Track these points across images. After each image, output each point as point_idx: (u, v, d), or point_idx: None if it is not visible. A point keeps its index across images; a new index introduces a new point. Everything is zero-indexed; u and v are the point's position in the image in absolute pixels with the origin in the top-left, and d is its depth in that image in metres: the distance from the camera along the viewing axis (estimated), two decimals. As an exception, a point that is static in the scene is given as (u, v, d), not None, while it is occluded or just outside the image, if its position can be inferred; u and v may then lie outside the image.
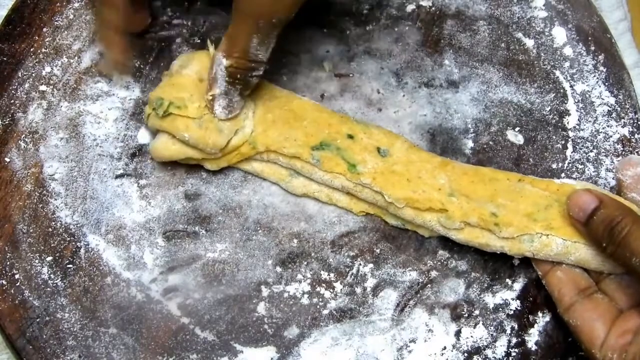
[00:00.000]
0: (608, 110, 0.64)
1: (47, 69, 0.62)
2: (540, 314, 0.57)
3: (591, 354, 0.52)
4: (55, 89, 0.61)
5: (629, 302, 0.53)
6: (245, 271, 0.57)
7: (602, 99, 0.65)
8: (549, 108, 0.64)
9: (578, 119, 0.64)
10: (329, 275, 0.57)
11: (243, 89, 0.56)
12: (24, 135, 0.60)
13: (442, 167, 0.57)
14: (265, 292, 0.56)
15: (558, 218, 0.54)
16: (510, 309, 0.57)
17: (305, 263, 0.57)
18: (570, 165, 0.62)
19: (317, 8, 0.64)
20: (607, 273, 0.54)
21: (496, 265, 0.58)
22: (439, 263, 0.58)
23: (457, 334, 0.56)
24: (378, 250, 0.58)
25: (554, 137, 0.63)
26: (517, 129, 0.63)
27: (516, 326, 0.57)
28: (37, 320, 0.54)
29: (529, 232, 0.54)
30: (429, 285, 0.57)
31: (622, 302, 0.54)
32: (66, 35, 0.64)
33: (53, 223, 0.57)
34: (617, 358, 0.50)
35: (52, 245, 0.56)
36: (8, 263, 0.55)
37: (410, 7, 0.67)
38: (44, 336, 0.54)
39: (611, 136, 0.63)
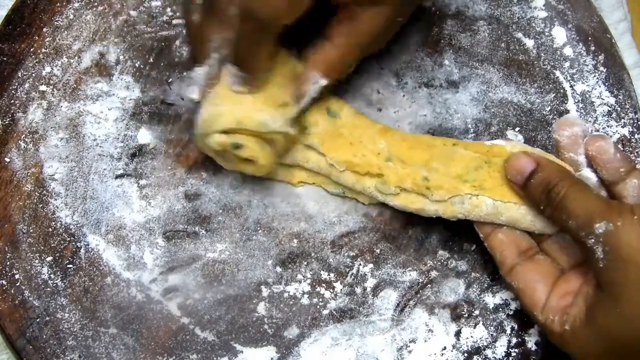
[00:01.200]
0: (608, 110, 0.64)
1: (47, 69, 0.62)
2: (540, 314, 0.57)
3: (533, 316, 0.51)
4: (55, 89, 0.61)
5: (570, 262, 0.53)
6: (245, 271, 0.57)
7: (602, 99, 0.65)
8: (549, 108, 0.64)
9: (578, 119, 0.64)
10: (329, 275, 0.57)
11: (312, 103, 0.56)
12: (24, 135, 0.60)
13: (383, 133, 0.57)
14: (265, 292, 0.56)
15: (488, 179, 0.54)
16: (510, 309, 0.57)
17: (305, 263, 0.57)
18: (570, 165, 0.62)
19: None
20: (538, 233, 0.54)
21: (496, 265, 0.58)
22: (439, 263, 0.58)
23: (457, 334, 0.56)
24: (378, 250, 0.58)
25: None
26: (517, 129, 0.63)
27: (516, 326, 0.57)
28: (37, 320, 0.54)
29: (459, 193, 0.54)
30: (429, 285, 0.57)
31: (564, 262, 0.53)
32: (66, 35, 0.63)
33: (53, 223, 0.57)
34: (559, 320, 0.49)
35: (52, 245, 0.56)
36: (8, 263, 0.55)
37: (410, 7, 0.67)
38: (44, 336, 0.54)
39: (611, 136, 0.63)
